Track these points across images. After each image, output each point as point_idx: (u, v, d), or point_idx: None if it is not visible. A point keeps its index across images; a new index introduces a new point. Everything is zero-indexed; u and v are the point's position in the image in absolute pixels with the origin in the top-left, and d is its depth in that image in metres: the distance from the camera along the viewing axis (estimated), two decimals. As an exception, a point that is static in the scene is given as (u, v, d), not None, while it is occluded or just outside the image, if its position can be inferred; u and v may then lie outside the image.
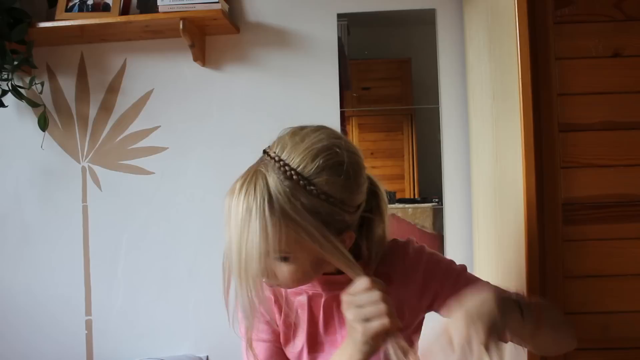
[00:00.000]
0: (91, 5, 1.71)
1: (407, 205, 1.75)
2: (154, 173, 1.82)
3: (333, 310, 0.89)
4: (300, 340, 0.90)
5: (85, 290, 1.82)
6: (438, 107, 1.77)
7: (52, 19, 1.69)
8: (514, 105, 1.07)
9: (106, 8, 1.71)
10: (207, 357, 1.78)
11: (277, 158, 0.76)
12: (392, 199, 1.74)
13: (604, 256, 1.03)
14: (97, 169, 1.83)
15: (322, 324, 0.89)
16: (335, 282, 0.86)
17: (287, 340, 0.91)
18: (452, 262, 0.93)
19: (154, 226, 1.82)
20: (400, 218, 1.74)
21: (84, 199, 1.83)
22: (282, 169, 0.75)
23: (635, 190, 1.03)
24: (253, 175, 0.75)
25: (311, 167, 0.75)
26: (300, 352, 0.91)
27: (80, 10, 1.71)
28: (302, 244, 0.75)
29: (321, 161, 0.76)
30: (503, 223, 1.23)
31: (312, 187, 0.74)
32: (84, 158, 1.84)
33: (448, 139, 1.77)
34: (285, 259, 0.77)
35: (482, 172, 1.53)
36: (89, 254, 1.83)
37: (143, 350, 1.80)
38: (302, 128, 0.82)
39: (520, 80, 1.03)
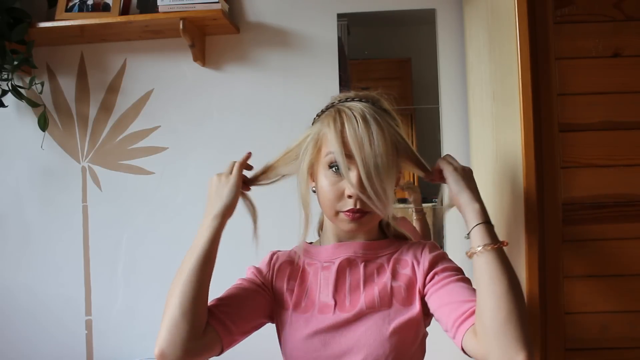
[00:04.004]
0: (91, 5, 1.71)
1: (407, 205, 1.75)
2: (154, 173, 1.82)
3: (346, 273, 0.98)
4: (311, 304, 0.97)
5: (85, 290, 1.83)
6: (438, 107, 1.77)
7: (52, 19, 1.69)
8: (514, 105, 1.07)
9: (106, 8, 1.71)
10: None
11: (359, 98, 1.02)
12: (392, 198, 1.74)
13: (603, 256, 1.03)
14: (97, 169, 1.83)
15: (333, 287, 0.96)
16: (347, 246, 0.99)
17: (298, 304, 0.98)
18: (457, 267, 0.98)
19: (154, 226, 1.81)
20: (409, 221, 1.75)
21: (84, 199, 1.83)
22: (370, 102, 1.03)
23: (635, 190, 1.03)
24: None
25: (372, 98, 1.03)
26: (310, 314, 0.96)
27: (80, 10, 1.71)
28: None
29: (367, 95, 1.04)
30: (503, 223, 1.23)
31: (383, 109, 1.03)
32: (84, 158, 1.84)
33: (448, 139, 1.77)
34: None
35: (482, 172, 1.52)
36: (89, 254, 1.83)
37: (143, 350, 1.80)
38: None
39: (520, 80, 1.03)
